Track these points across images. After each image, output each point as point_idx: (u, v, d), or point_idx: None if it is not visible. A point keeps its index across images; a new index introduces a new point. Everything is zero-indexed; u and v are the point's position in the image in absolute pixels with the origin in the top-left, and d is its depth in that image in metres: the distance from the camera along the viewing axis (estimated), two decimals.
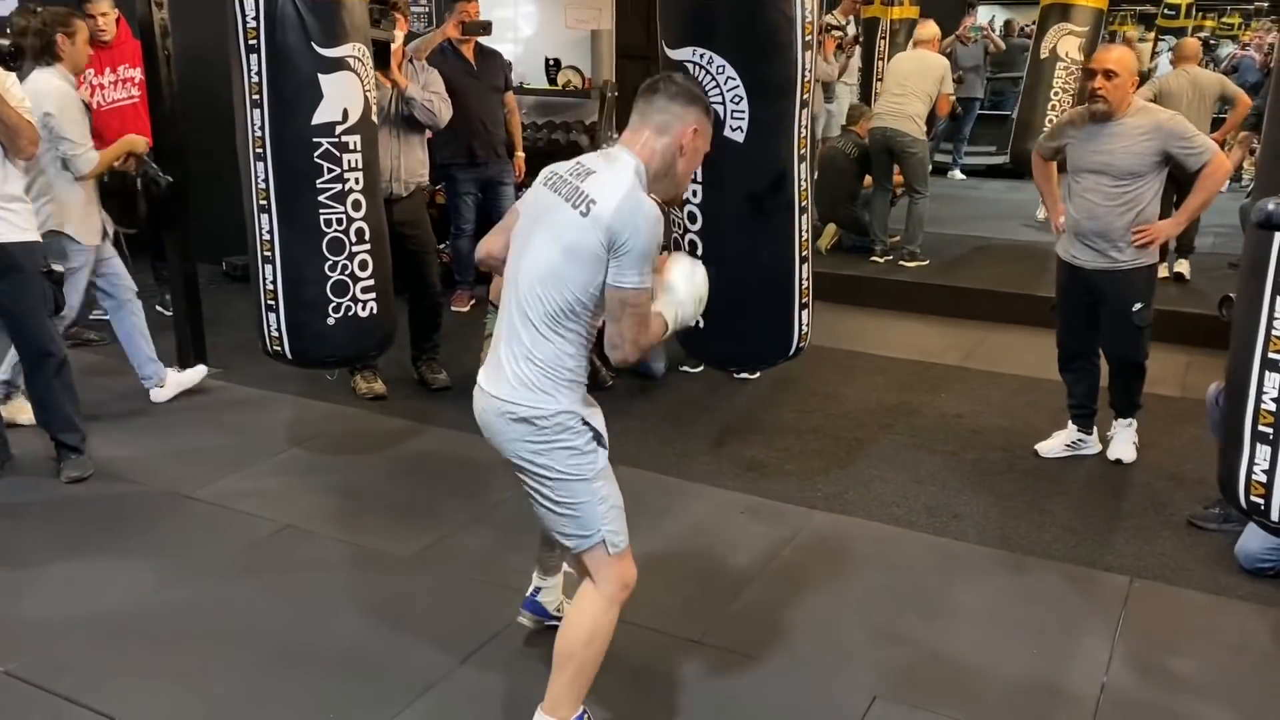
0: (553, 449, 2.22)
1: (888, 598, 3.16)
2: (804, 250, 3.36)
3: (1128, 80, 3.70)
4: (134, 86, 5.60)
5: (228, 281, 6.65)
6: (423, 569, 3.29)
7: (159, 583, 3.19)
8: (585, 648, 2.30)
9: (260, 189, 3.58)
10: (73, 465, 3.86)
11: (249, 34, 3.44)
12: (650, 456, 4.13)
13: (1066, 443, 4.20)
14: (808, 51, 3.05)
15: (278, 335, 3.69)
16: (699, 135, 2.26)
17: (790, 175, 3.21)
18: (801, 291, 3.41)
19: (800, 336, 3.49)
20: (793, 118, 3.14)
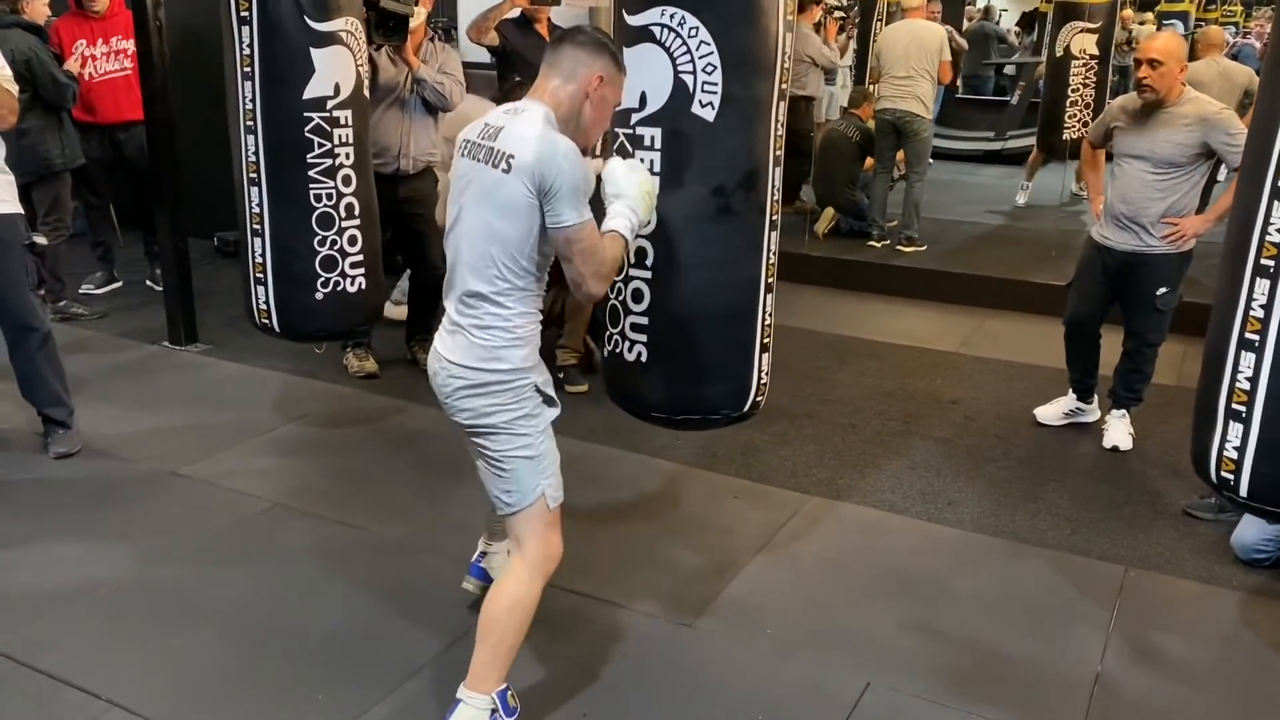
0: (503, 409, 2.27)
1: (881, 584, 3.14)
2: (770, 276, 2.81)
3: (1175, 67, 3.67)
4: (126, 58, 5.54)
5: (219, 257, 6.59)
6: (412, 550, 3.26)
7: (146, 560, 3.16)
8: (507, 616, 2.30)
9: (250, 162, 3.53)
10: (60, 441, 3.82)
11: (241, 6, 3.38)
12: (643, 440, 4.09)
13: (1065, 410, 4.30)
14: (788, 33, 2.68)
15: (266, 308, 3.65)
16: (605, 84, 2.28)
17: (764, 175, 2.72)
18: (764, 328, 2.83)
19: (759, 387, 2.88)
20: (770, 106, 2.67)
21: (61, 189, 5.29)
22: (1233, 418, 2.41)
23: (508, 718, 2.34)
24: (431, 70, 4.39)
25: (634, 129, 2.67)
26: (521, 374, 2.28)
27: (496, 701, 2.33)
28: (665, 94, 2.63)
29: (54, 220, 5.27)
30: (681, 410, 2.90)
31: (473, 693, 2.32)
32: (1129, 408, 4.12)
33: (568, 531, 3.28)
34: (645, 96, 2.64)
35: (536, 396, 2.31)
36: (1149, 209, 3.79)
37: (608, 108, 2.34)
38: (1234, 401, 2.41)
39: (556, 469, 2.37)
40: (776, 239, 2.82)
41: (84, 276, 5.80)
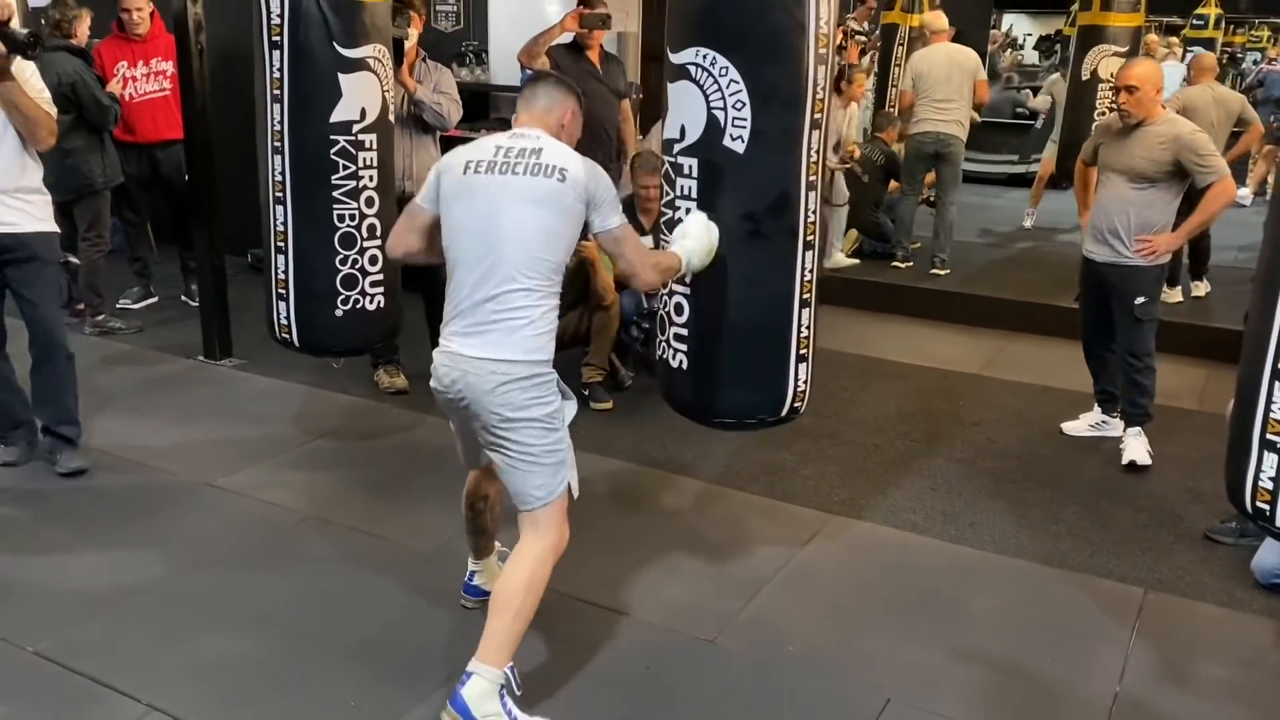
0: (538, 402, 2.45)
1: (903, 602, 3.18)
2: (806, 292, 2.98)
3: (1150, 91, 3.92)
4: (165, 80, 5.68)
5: (253, 273, 6.69)
6: (441, 561, 3.32)
7: (183, 568, 3.24)
8: (525, 593, 2.43)
9: (276, 181, 3.63)
10: (71, 457, 3.83)
11: (273, 31, 3.48)
12: (667, 457, 4.17)
13: (1091, 423, 4.47)
14: (821, 66, 2.80)
15: (286, 323, 3.74)
16: (574, 118, 2.63)
17: (795, 199, 2.87)
18: (800, 340, 3.01)
19: (795, 394, 3.05)
20: (801, 134, 2.82)
21: (102, 206, 5.42)
22: (1267, 448, 2.41)
23: (501, 696, 2.42)
24: (428, 90, 4.47)
25: (676, 158, 2.89)
26: (550, 367, 2.48)
27: (509, 676, 2.43)
28: (700, 128, 2.84)
29: (94, 236, 5.40)
30: (718, 414, 3.12)
31: (486, 665, 2.41)
32: (1141, 424, 4.20)
33: (591, 545, 3.38)
34: (684, 129, 2.86)
35: (558, 391, 2.52)
36: (1125, 221, 4.02)
37: (573, 141, 2.61)
38: (1269, 432, 2.41)
39: (573, 462, 2.57)
40: (813, 258, 2.99)
41: (121, 291, 5.93)
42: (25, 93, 3.43)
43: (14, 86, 3.38)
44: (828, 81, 2.86)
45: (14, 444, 3.90)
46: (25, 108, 3.43)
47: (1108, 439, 4.40)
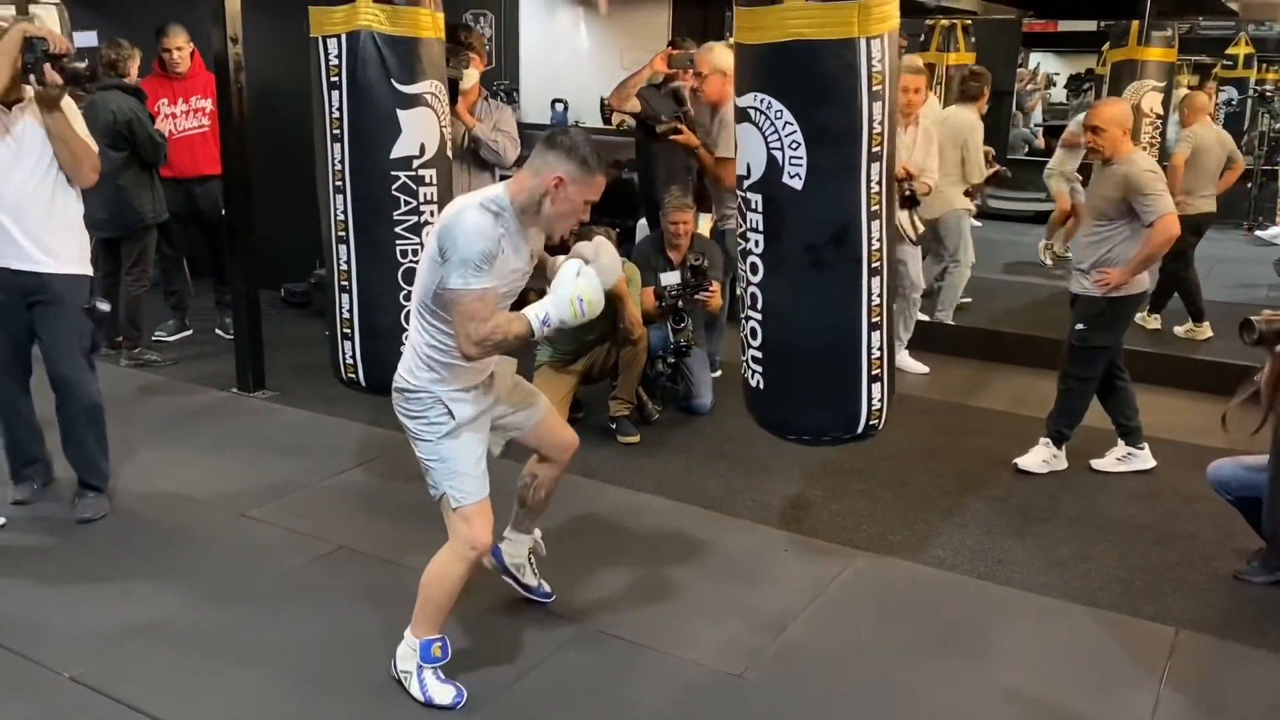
0: (407, 415, 2.72)
1: (931, 640, 3.17)
2: (875, 316, 3.06)
3: (1115, 132, 4.12)
4: (205, 116, 5.82)
5: (286, 307, 6.81)
6: (472, 593, 3.33)
7: (216, 598, 3.28)
8: (431, 585, 2.75)
9: (339, 220, 3.66)
10: (87, 506, 3.77)
11: (331, 72, 3.55)
12: (694, 491, 4.18)
13: (1118, 457, 4.52)
14: (876, 102, 2.89)
15: (353, 363, 3.74)
16: (564, 185, 2.54)
17: (856, 229, 2.98)
18: (871, 362, 3.09)
19: (871, 413, 3.13)
20: (857, 168, 2.94)
21: (149, 242, 5.54)
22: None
23: (424, 661, 2.76)
24: (486, 128, 4.56)
25: (745, 194, 3.03)
26: (427, 386, 2.66)
27: (418, 646, 2.76)
28: (761, 167, 2.98)
29: (138, 272, 5.52)
30: (794, 431, 3.27)
31: (409, 633, 2.80)
32: (1053, 438, 4.47)
33: (617, 579, 3.39)
34: (749, 168, 3.00)
35: (439, 405, 2.66)
36: (1086, 254, 4.25)
37: (570, 205, 2.58)
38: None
39: (458, 475, 2.69)
40: (880, 283, 3.05)
41: (157, 324, 6.03)
42: (73, 127, 3.45)
43: (64, 119, 3.41)
44: (886, 116, 2.92)
45: (25, 481, 3.87)
46: (72, 142, 3.44)
47: (1138, 474, 4.39)
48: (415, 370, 2.67)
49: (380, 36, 3.50)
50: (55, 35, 3.36)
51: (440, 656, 2.76)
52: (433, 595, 2.74)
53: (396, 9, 3.50)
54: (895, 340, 3.29)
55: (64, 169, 3.48)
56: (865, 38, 2.83)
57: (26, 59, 3.26)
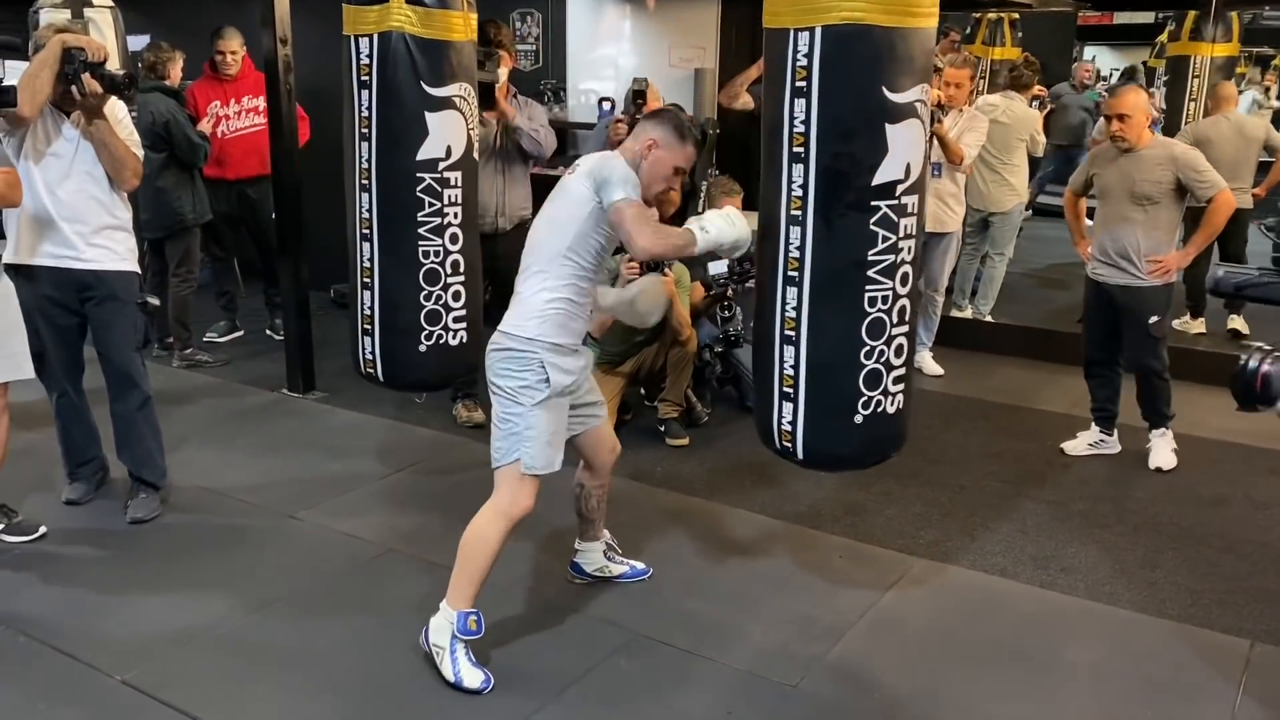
0: (507, 374, 2.77)
1: (992, 652, 3.07)
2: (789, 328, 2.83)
3: (1140, 119, 4.18)
4: (258, 115, 5.82)
5: (335, 308, 6.82)
6: (519, 596, 3.31)
7: (266, 602, 3.26)
8: (472, 547, 2.78)
9: (364, 219, 3.68)
10: (140, 505, 3.79)
11: (362, 71, 3.55)
12: (745, 495, 4.11)
13: (1090, 441, 4.59)
14: (798, 99, 2.69)
15: (371, 359, 3.78)
16: (656, 147, 2.78)
17: (776, 230, 2.82)
18: (784, 378, 2.87)
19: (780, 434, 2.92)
20: (779, 164, 2.78)
21: (192, 243, 5.58)
22: None
23: (461, 634, 2.78)
24: (525, 119, 4.53)
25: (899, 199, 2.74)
26: (532, 346, 2.74)
27: (454, 618, 2.78)
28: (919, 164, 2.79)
29: (184, 272, 5.56)
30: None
31: (445, 604, 2.82)
32: (1166, 426, 4.42)
33: (670, 586, 3.33)
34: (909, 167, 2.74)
35: (540, 371, 2.73)
36: (1134, 243, 4.21)
37: (662, 167, 2.79)
38: None
39: (540, 445, 2.75)
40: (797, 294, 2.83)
41: (208, 325, 6.07)
42: (115, 133, 3.49)
43: (106, 126, 3.44)
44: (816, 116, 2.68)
45: (80, 480, 3.91)
46: (114, 148, 3.48)
47: (1207, 479, 4.27)
48: (526, 324, 2.77)
49: (411, 38, 3.49)
50: (94, 44, 3.39)
51: (476, 630, 2.80)
52: (471, 558, 2.79)
53: (429, 11, 3.49)
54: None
55: (107, 172, 3.53)
56: (794, 29, 2.65)
57: (67, 69, 3.29)
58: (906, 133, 2.70)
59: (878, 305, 2.78)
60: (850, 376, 2.83)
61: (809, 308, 2.80)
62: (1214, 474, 4.34)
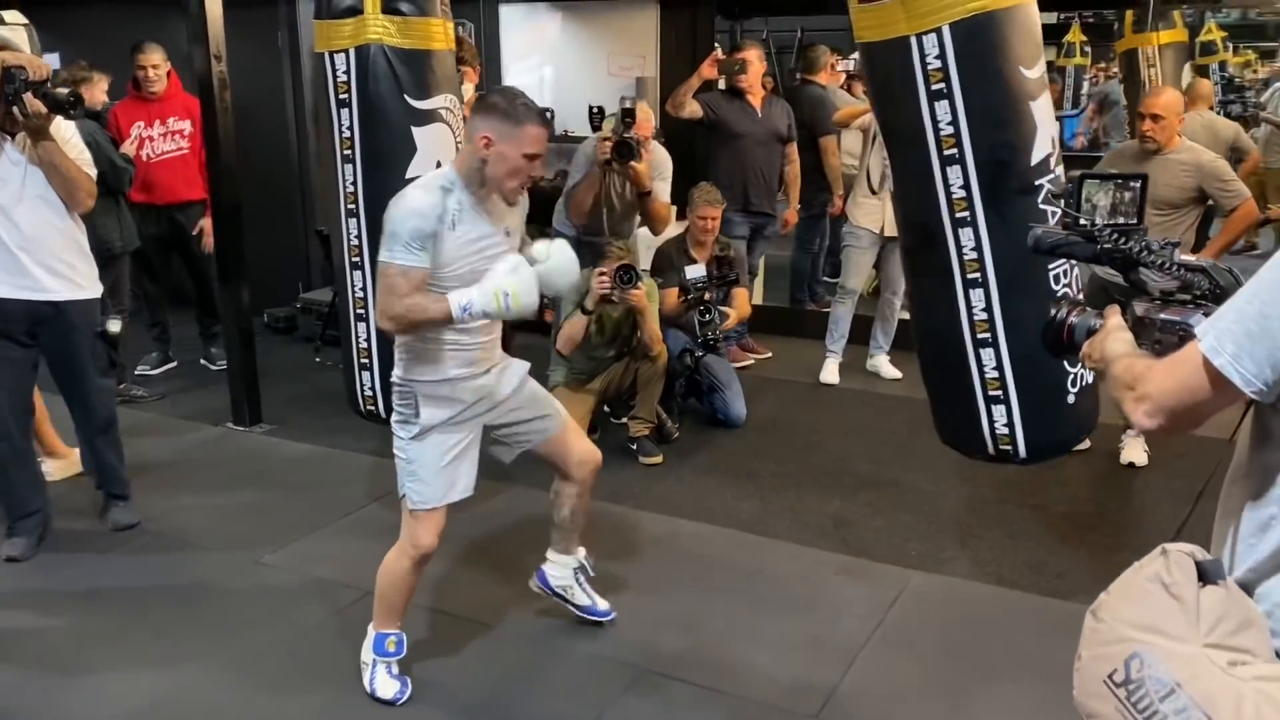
0: (393, 411, 2.75)
1: (1007, 665, 3.01)
2: (983, 331, 2.87)
3: (1173, 121, 4.07)
4: (183, 139, 5.54)
5: (270, 334, 6.54)
6: (517, 639, 3.15)
7: (240, 661, 3.04)
8: (380, 578, 2.82)
9: (353, 245, 3.49)
10: (121, 513, 3.81)
11: (340, 89, 3.37)
12: (729, 513, 4.01)
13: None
14: (939, 101, 2.71)
15: (372, 395, 3.59)
16: (493, 144, 2.51)
17: (941, 237, 2.81)
18: (987, 382, 2.91)
19: (996, 438, 2.96)
20: (929, 171, 2.77)
21: (121, 271, 5.25)
22: None
23: (376, 654, 2.83)
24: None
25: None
26: (407, 383, 2.67)
27: (373, 638, 2.84)
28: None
29: (113, 303, 5.23)
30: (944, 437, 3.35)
31: (370, 626, 2.88)
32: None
33: (670, 615, 3.22)
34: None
35: (412, 405, 2.66)
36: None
37: (507, 162, 2.52)
38: None
39: (417, 480, 2.70)
40: (985, 296, 2.86)
41: (138, 358, 5.74)
42: (65, 154, 3.34)
43: (54, 147, 3.30)
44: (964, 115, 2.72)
45: (20, 535, 3.62)
46: (65, 169, 3.34)
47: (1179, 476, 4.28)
48: (398, 363, 2.72)
49: (391, 50, 3.33)
50: (35, 62, 3.21)
51: (393, 651, 2.83)
52: (383, 589, 2.81)
53: (407, 20, 3.33)
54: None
55: (59, 195, 3.39)
56: (916, 34, 2.67)
57: (7, 89, 3.12)
58: (1045, 106, 2.80)
59: (1062, 282, 2.85)
60: (1058, 361, 2.72)
61: (1000, 305, 2.80)
62: (1185, 469, 4.36)
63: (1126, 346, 1.62)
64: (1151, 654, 1.37)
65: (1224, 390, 1.37)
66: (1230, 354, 1.34)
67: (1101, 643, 1.47)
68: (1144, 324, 1.69)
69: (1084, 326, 1.79)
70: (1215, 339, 1.36)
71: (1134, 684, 1.39)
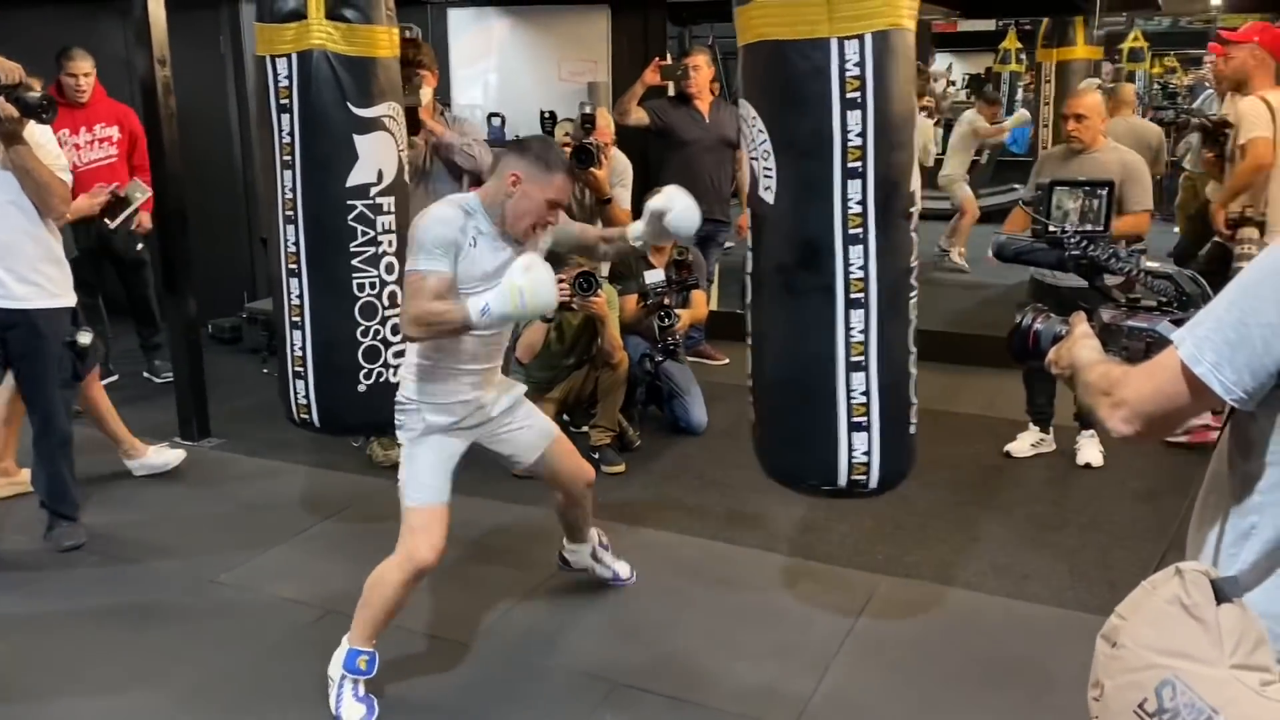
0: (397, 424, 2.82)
1: (981, 672, 3.01)
2: (857, 354, 2.69)
3: (1096, 120, 4.19)
4: (111, 146, 5.39)
5: (214, 344, 6.37)
6: (488, 656, 3.09)
7: (198, 688, 2.93)
8: (369, 591, 2.75)
9: (290, 253, 3.41)
10: (66, 534, 3.71)
11: (281, 94, 3.29)
12: (695, 521, 3.98)
13: (1031, 442, 4.66)
14: (852, 110, 2.56)
15: (306, 403, 3.51)
16: (521, 183, 2.62)
17: (828, 253, 2.64)
18: (853, 408, 2.71)
19: (852, 467, 2.75)
20: (829, 184, 2.60)
21: None
22: None
23: (346, 670, 2.75)
24: (456, 135, 4.33)
25: (747, 208, 2.91)
26: (408, 398, 2.76)
27: (345, 654, 2.76)
28: (748, 179, 2.79)
29: None
30: (777, 473, 2.96)
31: (344, 639, 2.80)
32: (1095, 427, 4.47)
33: (641, 626, 3.18)
34: (743, 180, 2.85)
35: (419, 415, 2.74)
36: None
37: (529, 202, 2.63)
38: None
39: (414, 483, 2.75)
40: (864, 318, 2.70)
41: None
42: (37, 158, 3.28)
43: (26, 152, 3.24)
44: (873, 127, 2.58)
45: None
46: (38, 174, 3.28)
47: (1138, 476, 4.36)
48: (407, 383, 2.77)
49: (335, 56, 3.26)
50: (6, 66, 3.11)
51: (364, 670, 2.76)
52: (370, 599, 2.75)
53: (352, 27, 3.27)
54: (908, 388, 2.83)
55: (32, 201, 3.35)
56: (838, 38, 2.52)
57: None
58: (920, 128, 2.70)
59: (914, 310, 2.77)
60: (909, 388, 2.81)
61: (878, 327, 2.67)
62: (1140, 469, 4.43)
63: (1096, 353, 1.62)
64: (1183, 680, 1.33)
65: (1202, 397, 1.37)
66: (1210, 362, 1.34)
67: (1126, 670, 1.40)
68: (1111, 330, 1.70)
69: (1049, 333, 1.80)
70: (1194, 346, 1.35)
71: (1169, 713, 1.33)
